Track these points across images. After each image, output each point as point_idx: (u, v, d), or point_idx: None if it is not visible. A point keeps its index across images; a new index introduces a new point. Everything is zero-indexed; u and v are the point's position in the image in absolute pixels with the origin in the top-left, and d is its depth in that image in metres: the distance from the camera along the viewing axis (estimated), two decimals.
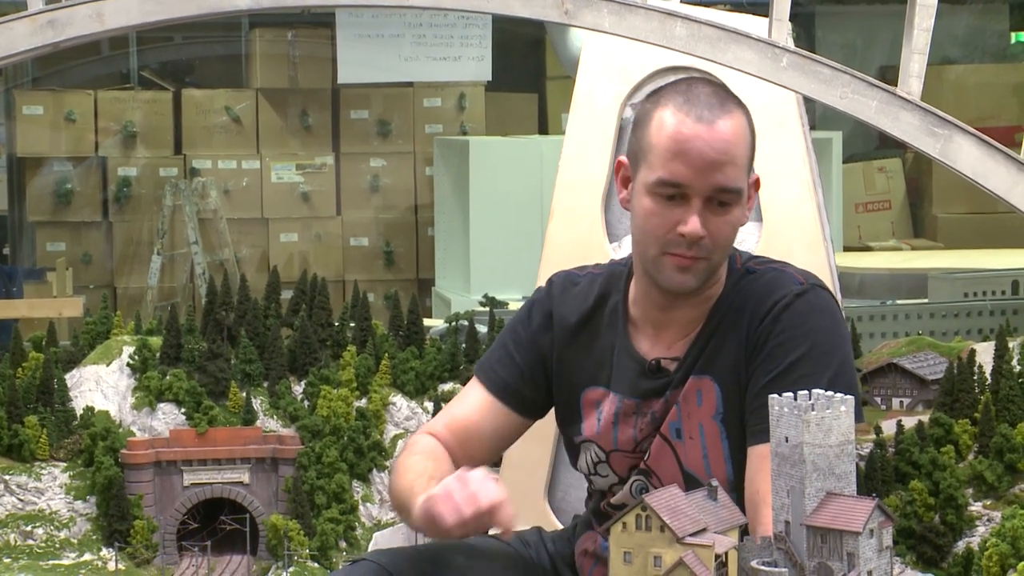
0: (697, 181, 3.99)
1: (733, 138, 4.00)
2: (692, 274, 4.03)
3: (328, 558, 5.45)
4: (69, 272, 11.53)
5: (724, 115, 4.04)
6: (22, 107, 12.58)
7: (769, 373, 3.98)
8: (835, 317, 4.10)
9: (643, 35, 4.82)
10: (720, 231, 4.01)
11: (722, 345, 4.09)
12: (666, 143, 4.02)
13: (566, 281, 4.41)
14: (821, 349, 3.98)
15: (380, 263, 12.59)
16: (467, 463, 4.25)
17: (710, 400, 4.08)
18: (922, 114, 4.76)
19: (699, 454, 4.11)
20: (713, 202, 4.00)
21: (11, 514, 5.52)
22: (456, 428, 4.36)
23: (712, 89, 4.15)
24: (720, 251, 4.04)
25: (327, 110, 12.70)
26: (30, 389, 5.80)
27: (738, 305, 4.09)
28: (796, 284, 4.07)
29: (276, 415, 5.82)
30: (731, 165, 3.99)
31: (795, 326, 4.01)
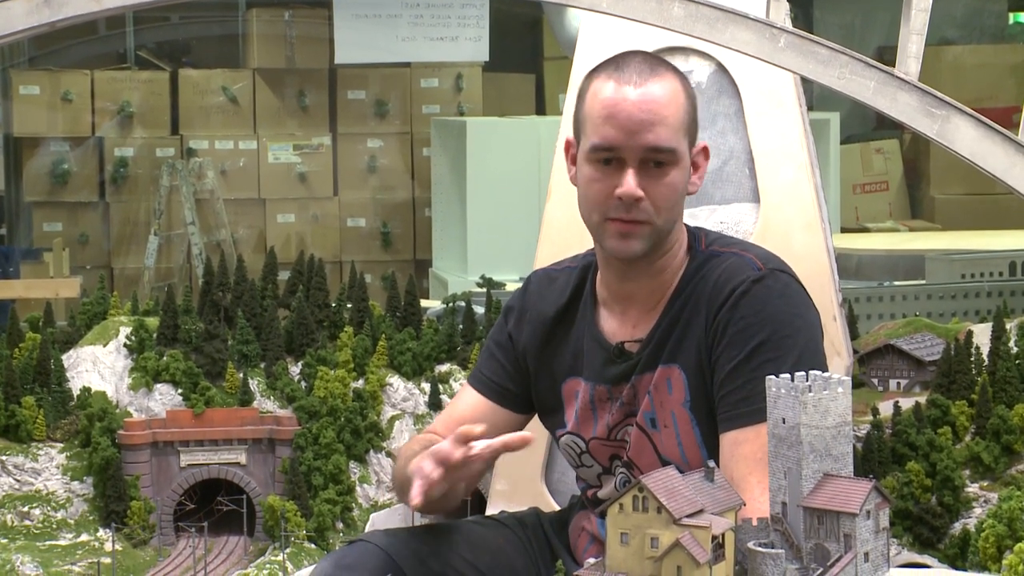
0: (628, 142, 4.02)
1: (662, 99, 4.03)
2: (636, 239, 4.05)
3: (325, 539, 5.45)
4: (66, 253, 11.53)
5: (653, 78, 4.08)
6: (19, 87, 12.58)
7: (732, 360, 4.00)
8: (795, 300, 4.10)
9: (640, 15, 4.81)
10: (659, 193, 4.03)
11: (686, 332, 4.11)
12: (598, 110, 4.07)
13: (543, 279, 4.46)
14: (781, 333, 4.00)
15: (377, 244, 12.59)
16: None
17: (679, 388, 4.11)
18: (920, 95, 4.76)
19: (674, 442, 4.13)
20: (649, 164, 4.03)
21: (8, 495, 5.53)
22: (454, 427, 4.39)
23: (643, 57, 4.19)
24: (663, 215, 4.05)
25: (324, 90, 12.70)
26: (27, 370, 5.80)
27: (699, 289, 4.11)
28: (754, 269, 4.08)
29: (273, 396, 5.82)
30: (661, 125, 4.01)
31: (754, 312, 4.02)
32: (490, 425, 4.42)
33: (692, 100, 4.14)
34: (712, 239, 4.27)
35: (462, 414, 4.42)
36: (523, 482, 5.32)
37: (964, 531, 4.90)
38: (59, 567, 5.17)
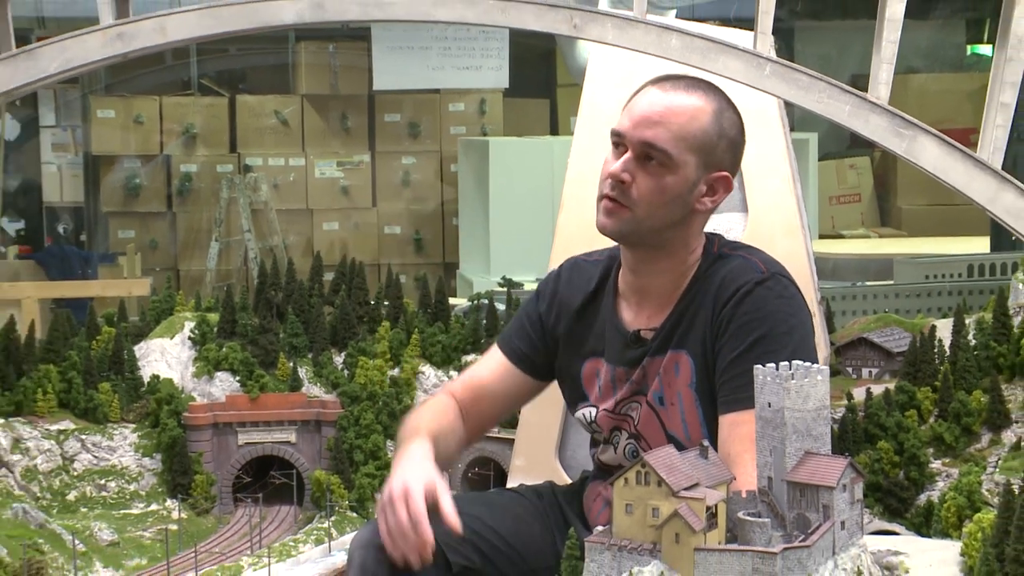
0: (631, 132, 4.03)
1: (678, 109, 4.01)
2: (613, 218, 4.06)
3: (365, 508, 5.45)
4: (138, 257, 11.55)
5: (682, 91, 4.07)
6: (96, 111, 12.59)
7: (734, 351, 4.00)
8: (792, 301, 4.09)
9: (642, 46, 4.80)
10: (644, 185, 4.01)
11: (693, 322, 4.10)
12: (627, 104, 4.10)
13: (573, 267, 4.46)
14: (779, 329, 3.99)
15: (411, 249, 12.59)
16: (477, 417, 4.38)
17: (685, 371, 4.10)
18: (889, 117, 4.74)
19: (678, 419, 4.13)
20: (645, 158, 4.01)
21: (87, 469, 5.53)
22: (472, 386, 4.44)
23: (692, 80, 4.18)
24: (645, 206, 4.03)
25: (364, 114, 12.70)
26: (103, 359, 5.81)
27: (708, 286, 4.11)
28: (758, 272, 4.07)
29: (319, 383, 5.82)
30: (663, 127, 3.99)
31: (756, 310, 4.01)
32: (504, 386, 4.46)
33: (720, 129, 4.08)
34: (723, 243, 4.26)
35: (483, 377, 4.44)
36: (539, 458, 5.31)
37: (928, 502, 4.89)
38: (132, 533, 5.17)
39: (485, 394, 4.43)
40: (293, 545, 4.87)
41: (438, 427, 4.23)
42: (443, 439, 4.22)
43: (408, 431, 4.23)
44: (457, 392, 4.42)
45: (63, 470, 5.50)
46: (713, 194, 4.13)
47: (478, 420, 4.44)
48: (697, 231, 4.20)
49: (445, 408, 4.36)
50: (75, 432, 5.57)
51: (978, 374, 5.18)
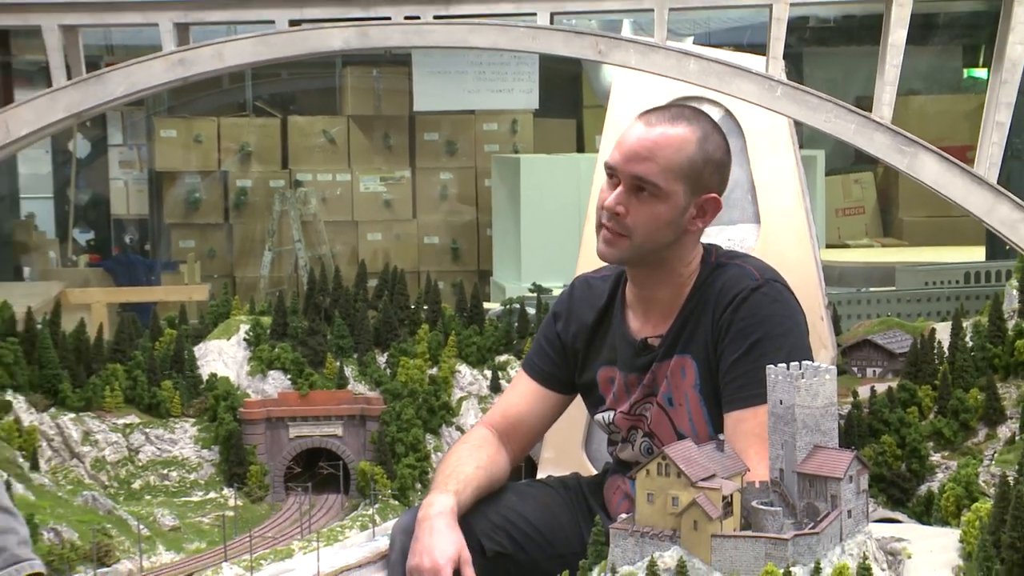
0: (621, 166, 4.07)
1: (663, 142, 4.03)
2: (613, 248, 4.11)
3: (406, 497, 5.44)
4: (197, 264, 11.58)
5: (667, 123, 4.08)
6: (160, 131, 12.64)
7: (734, 353, 4.01)
8: (787, 305, 4.10)
9: (663, 70, 4.79)
10: (639, 215, 4.05)
11: (696, 328, 4.12)
12: (619, 137, 4.13)
13: (584, 285, 4.49)
14: (775, 332, 4.00)
15: (448, 257, 12.60)
16: (517, 439, 4.41)
17: (691, 374, 4.12)
18: (892, 135, 4.72)
19: (686, 418, 4.14)
20: (638, 190, 4.04)
21: (151, 460, 5.54)
22: (507, 414, 4.49)
23: (677, 110, 4.19)
24: (641, 234, 4.06)
25: (405, 133, 12.72)
26: (165, 359, 5.82)
27: (708, 294, 4.13)
28: (753, 279, 4.09)
29: (364, 381, 5.81)
30: (652, 162, 4.02)
31: (752, 314, 4.03)
32: (537, 407, 4.48)
33: (705, 155, 4.09)
34: (720, 253, 4.27)
35: (516, 404, 4.48)
36: (567, 451, 5.30)
37: (929, 492, 4.86)
38: (191, 519, 5.18)
39: (520, 418, 4.47)
40: (340, 530, 4.87)
41: (474, 468, 4.25)
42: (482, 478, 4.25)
43: (441, 478, 4.25)
44: (495, 421, 4.48)
45: (129, 461, 5.51)
46: (703, 215, 4.16)
47: (518, 442, 4.49)
48: (692, 246, 4.22)
49: (482, 442, 4.40)
50: (140, 426, 5.58)
51: (975, 373, 5.16)
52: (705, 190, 4.09)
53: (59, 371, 5.56)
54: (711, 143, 4.10)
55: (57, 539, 4.46)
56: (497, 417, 4.47)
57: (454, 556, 3.91)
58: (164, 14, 4.93)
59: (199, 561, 4.66)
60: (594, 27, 5.39)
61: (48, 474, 5.27)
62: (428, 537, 3.93)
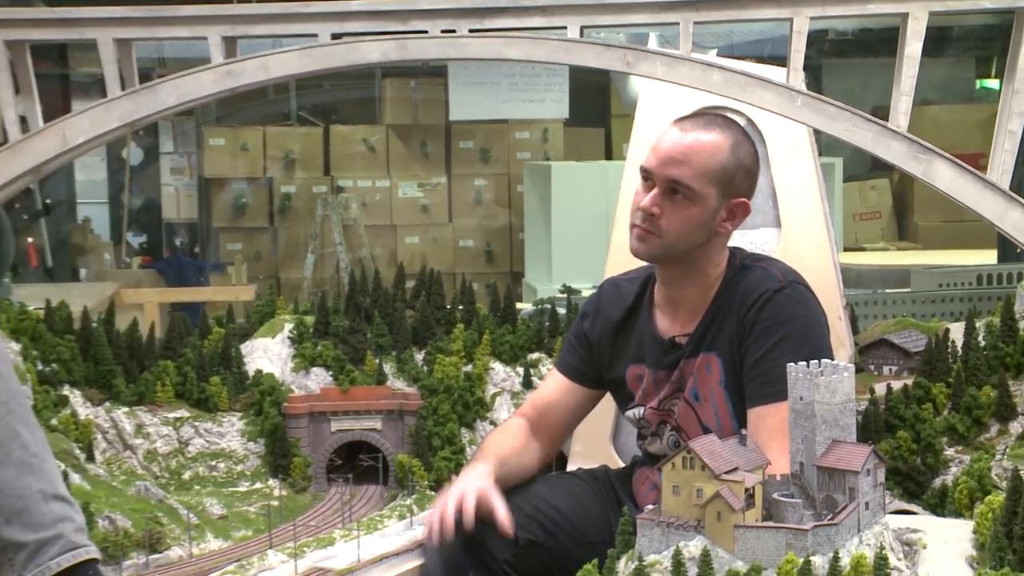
0: (657, 170, 4.06)
1: (698, 147, 4.04)
2: (645, 245, 4.11)
3: (442, 488, 5.45)
4: (244, 266, 11.62)
5: (702, 130, 4.09)
6: (209, 139, 12.69)
7: (758, 351, 4.01)
8: (809, 306, 4.10)
9: (688, 81, 4.79)
10: (672, 216, 4.05)
11: (722, 327, 4.12)
12: (654, 142, 4.13)
13: (612, 287, 4.51)
14: (797, 332, 4.00)
15: (482, 259, 12.61)
16: (547, 430, 4.45)
17: (716, 371, 4.12)
18: (908, 143, 4.71)
19: (711, 412, 4.14)
20: (672, 192, 4.04)
21: (200, 452, 5.55)
22: (538, 405, 4.51)
23: (710, 117, 4.21)
24: (673, 234, 4.07)
25: (441, 141, 12.73)
26: (214, 356, 5.83)
27: (733, 294, 4.13)
28: (776, 281, 4.09)
29: (402, 377, 5.82)
30: (687, 166, 4.02)
31: (775, 315, 4.03)
32: (566, 400, 4.50)
33: (737, 161, 4.10)
34: (745, 256, 4.27)
35: (547, 397, 4.52)
36: (596, 445, 5.30)
37: (943, 485, 4.83)
38: (238, 508, 5.19)
39: (550, 409, 4.49)
40: (379, 520, 4.87)
41: (508, 449, 4.29)
42: (512, 458, 4.28)
43: (479, 453, 4.34)
44: (527, 413, 4.50)
45: (179, 453, 5.53)
46: (733, 218, 4.16)
47: (548, 433, 4.51)
48: (720, 248, 4.22)
49: (516, 430, 4.44)
50: (189, 419, 5.60)
51: (987, 372, 5.13)
52: (736, 194, 4.10)
53: (113, 367, 5.58)
54: (742, 150, 4.11)
55: (111, 527, 4.48)
56: (529, 409, 4.49)
57: (481, 485, 4.00)
58: (213, 28, 4.94)
59: (245, 548, 4.67)
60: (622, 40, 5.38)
61: (103, 465, 5.30)
62: (461, 479, 4.08)
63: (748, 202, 4.15)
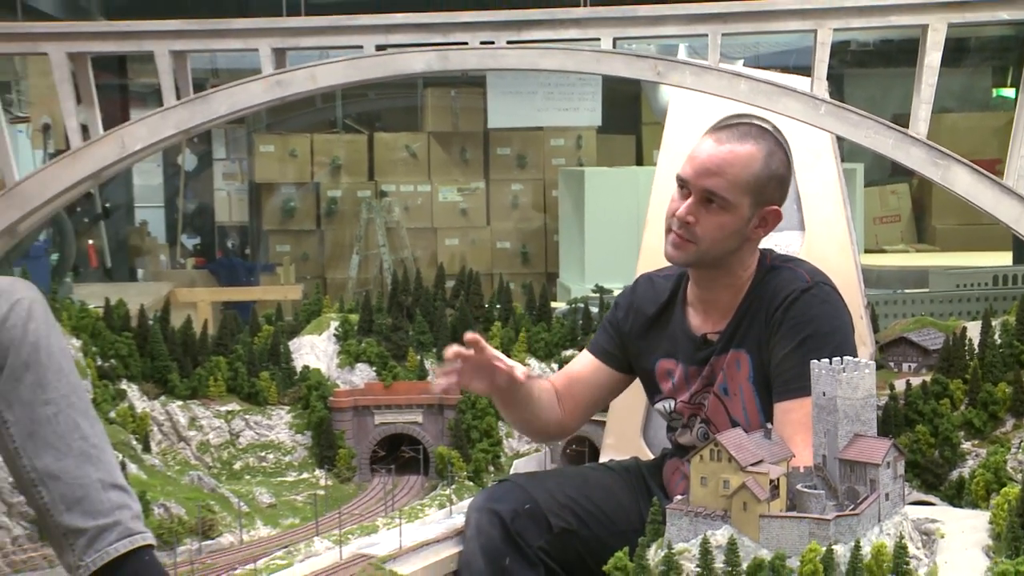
0: (693, 179, 4.08)
1: (732, 159, 4.04)
2: (681, 252, 4.12)
3: (480, 479, 5.44)
4: (292, 267, 11.66)
5: (736, 142, 4.08)
6: (259, 146, 12.74)
7: (784, 349, 4.01)
8: (834, 306, 4.09)
9: (716, 90, 4.77)
10: (707, 224, 4.06)
11: (751, 325, 4.12)
12: (690, 152, 4.14)
13: (647, 282, 4.52)
14: (823, 330, 3.99)
15: (518, 260, 12.61)
16: (571, 400, 4.52)
17: (745, 367, 4.12)
18: (927, 149, 4.68)
19: (740, 407, 4.14)
20: (706, 201, 4.03)
21: (250, 444, 5.57)
22: (568, 376, 4.58)
23: (745, 128, 4.19)
24: (707, 241, 4.07)
25: (479, 147, 12.74)
26: (263, 352, 5.85)
27: (762, 294, 4.13)
28: (803, 282, 4.09)
29: None
30: (721, 177, 4.02)
31: (802, 314, 4.02)
32: (593, 377, 4.56)
33: (771, 172, 4.10)
34: (775, 257, 4.27)
35: (576, 370, 4.61)
36: (627, 438, 5.29)
37: (960, 477, 4.80)
38: (286, 497, 5.20)
39: (577, 381, 4.53)
40: (420, 509, 4.87)
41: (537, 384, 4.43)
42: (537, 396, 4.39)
43: None
44: (556, 380, 4.57)
45: (230, 444, 5.55)
46: (765, 225, 4.16)
47: (572, 403, 4.53)
48: (752, 252, 4.22)
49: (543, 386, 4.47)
50: (240, 413, 5.62)
51: (1003, 368, 5.10)
52: (768, 202, 4.09)
53: (168, 363, 5.61)
54: (775, 160, 4.11)
55: (166, 514, 4.50)
56: (557, 377, 4.60)
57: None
58: (263, 40, 4.96)
59: (293, 535, 4.68)
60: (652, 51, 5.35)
61: (158, 456, 5.32)
62: None
63: (780, 210, 4.15)
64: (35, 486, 3.46)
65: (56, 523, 3.46)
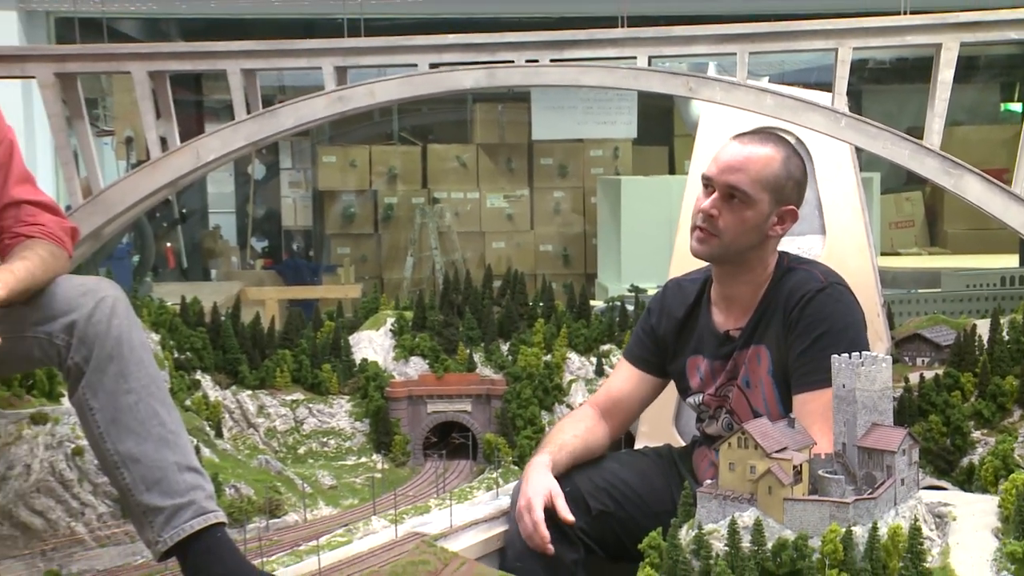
0: (717, 176, 4.06)
1: (753, 157, 4.05)
2: (705, 246, 4.11)
3: (524, 463, 5.44)
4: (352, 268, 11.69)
5: (757, 144, 4.10)
6: (322, 157, 12.79)
7: (802, 344, 4.00)
8: (847, 304, 4.07)
9: (744, 105, 4.75)
10: (729, 219, 4.05)
11: (770, 322, 4.11)
12: (716, 154, 4.12)
13: (675, 287, 4.52)
14: (836, 328, 3.97)
15: (560, 262, 12.60)
16: (618, 415, 4.47)
17: (764, 361, 4.11)
18: (941, 159, 4.64)
19: (760, 398, 4.13)
20: (729, 197, 4.03)
21: (314, 430, 5.58)
22: (610, 395, 4.52)
23: (766, 134, 4.20)
24: (730, 235, 4.07)
25: (524, 158, 12.74)
26: (325, 346, 5.87)
27: (780, 293, 4.12)
28: (818, 282, 4.08)
29: (489, 365, 5.82)
30: (743, 173, 4.02)
31: (817, 312, 4.01)
32: (635, 387, 4.51)
33: (788, 172, 4.10)
34: (792, 259, 4.25)
35: (618, 387, 4.55)
36: (660, 426, 5.28)
37: (970, 464, 4.76)
38: (346, 479, 5.22)
39: (621, 396, 4.51)
40: (469, 491, 4.87)
41: (571, 436, 4.32)
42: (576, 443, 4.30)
43: (543, 443, 4.38)
44: (599, 401, 4.53)
45: (295, 430, 5.57)
46: (783, 223, 4.15)
47: (618, 416, 4.55)
48: (771, 251, 4.21)
49: (582, 417, 4.47)
50: (304, 401, 5.63)
51: (1011, 363, 5.05)
52: (786, 201, 4.09)
53: (239, 355, 5.63)
54: (792, 163, 4.12)
55: (237, 494, 4.52)
56: (601, 397, 4.52)
57: (544, 492, 4.02)
58: (326, 59, 4.97)
59: (352, 515, 4.69)
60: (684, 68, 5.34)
61: (229, 441, 5.34)
62: (525, 483, 4.10)
63: (796, 210, 4.14)
64: (118, 468, 3.49)
65: (136, 502, 3.48)
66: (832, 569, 2.96)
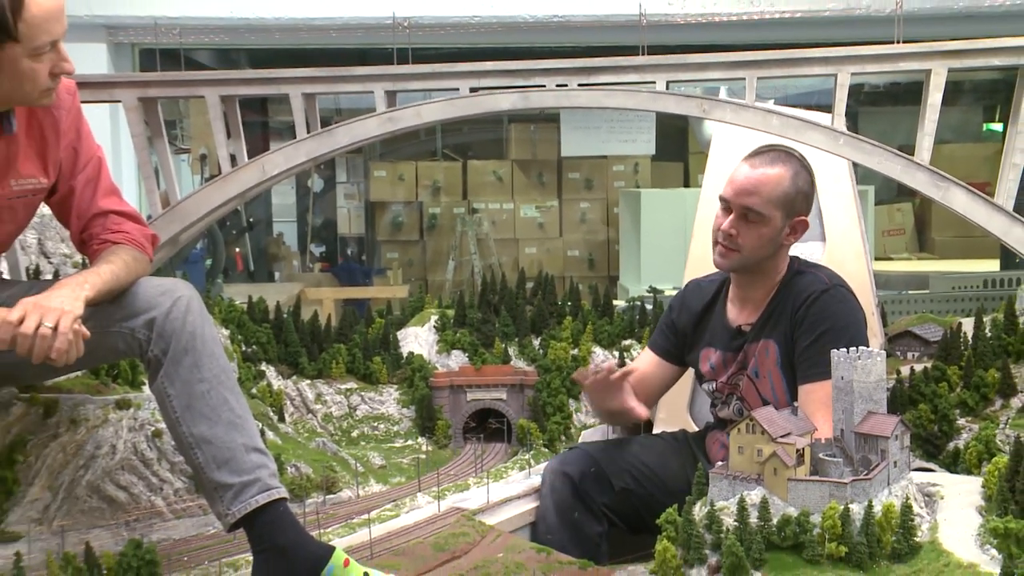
0: (733, 198, 4.08)
1: (764, 180, 4.04)
2: (726, 260, 4.12)
3: (554, 446, 5.43)
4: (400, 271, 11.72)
5: (767, 166, 4.09)
6: (374, 171, 12.81)
7: (807, 340, 3.99)
8: (849, 305, 4.07)
9: (751, 124, 4.73)
10: (747, 236, 4.06)
11: (779, 319, 4.11)
12: (729, 176, 4.13)
13: (695, 287, 4.53)
14: (839, 325, 3.97)
15: (586, 266, 12.57)
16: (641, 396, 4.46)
17: (772, 354, 4.10)
18: (930, 174, 4.61)
19: (768, 387, 4.12)
20: (744, 216, 4.03)
21: (365, 416, 5.60)
22: (637, 376, 4.51)
23: (775, 153, 4.19)
24: (748, 249, 4.08)
25: (554, 172, 12.72)
26: (376, 341, 5.88)
27: (789, 293, 4.12)
28: (823, 284, 4.08)
29: (523, 358, 5.81)
30: (756, 195, 4.03)
31: (821, 311, 4.01)
32: (656, 372, 4.54)
33: (797, 188, 4.11)
34: (801, 263, 4.25)
35: (641, 370, 4.53)
36: (676, 413, 5.26)
37: (956, 448, 4.73)
38: (394, 460, 5.23)
39: (644, 378, 4.53)
40: (504, 470, 4.88)
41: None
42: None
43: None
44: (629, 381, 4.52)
45: (349, 416, 5.58)
46: (795, 232, 4.15)
47: (642, 397, 4.54)
48: (783, 257, 4.22)
49: None
50: (357, 390, 5.65)
51: (993, 357, 5.01)
52: (796, 214, 4.09)
53: (299, 349, 5.65)
54: (800, 179, 4.11)
55: (297, 473, 4.53)
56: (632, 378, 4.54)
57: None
58: (378, 84, 4.98)
59: (400, 491, 4.70)
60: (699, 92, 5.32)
61: (291, 425, 5.36)
62: None
63: (807, 219, 4.14)
64: (192, 448, 3.50)
65: (208, 479, 3.49)
66: (831, 543, 2.94)
